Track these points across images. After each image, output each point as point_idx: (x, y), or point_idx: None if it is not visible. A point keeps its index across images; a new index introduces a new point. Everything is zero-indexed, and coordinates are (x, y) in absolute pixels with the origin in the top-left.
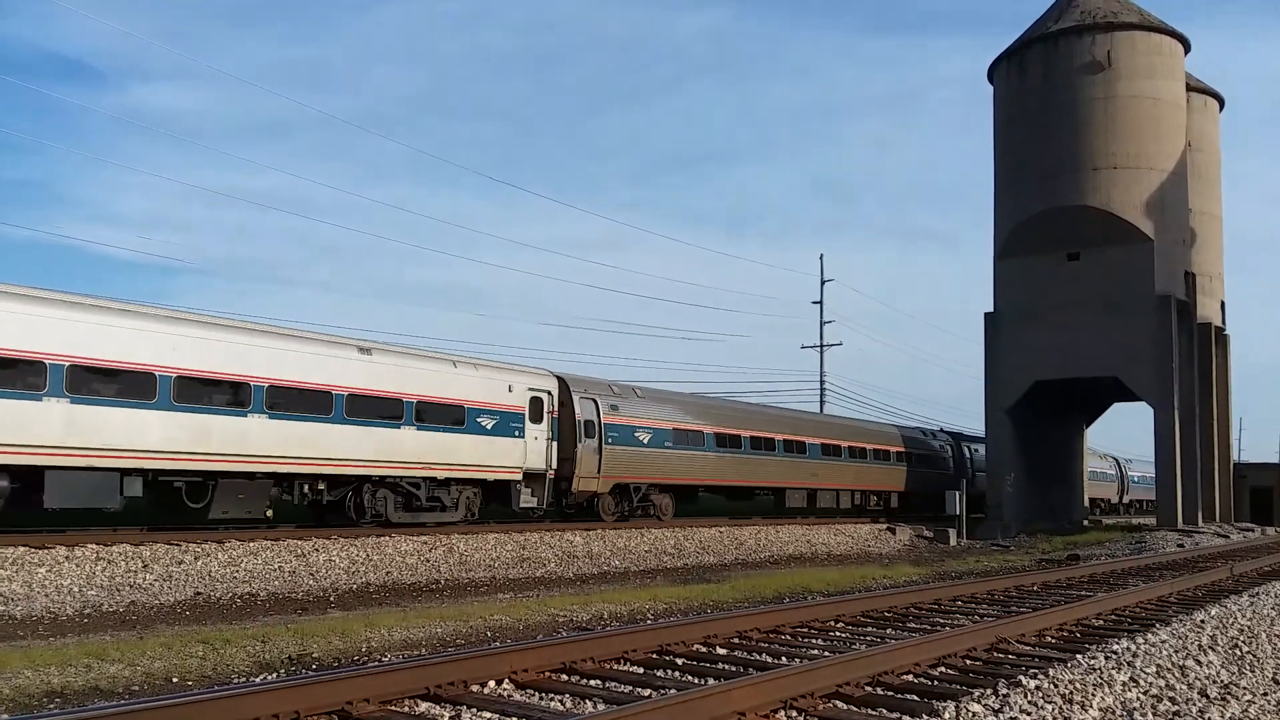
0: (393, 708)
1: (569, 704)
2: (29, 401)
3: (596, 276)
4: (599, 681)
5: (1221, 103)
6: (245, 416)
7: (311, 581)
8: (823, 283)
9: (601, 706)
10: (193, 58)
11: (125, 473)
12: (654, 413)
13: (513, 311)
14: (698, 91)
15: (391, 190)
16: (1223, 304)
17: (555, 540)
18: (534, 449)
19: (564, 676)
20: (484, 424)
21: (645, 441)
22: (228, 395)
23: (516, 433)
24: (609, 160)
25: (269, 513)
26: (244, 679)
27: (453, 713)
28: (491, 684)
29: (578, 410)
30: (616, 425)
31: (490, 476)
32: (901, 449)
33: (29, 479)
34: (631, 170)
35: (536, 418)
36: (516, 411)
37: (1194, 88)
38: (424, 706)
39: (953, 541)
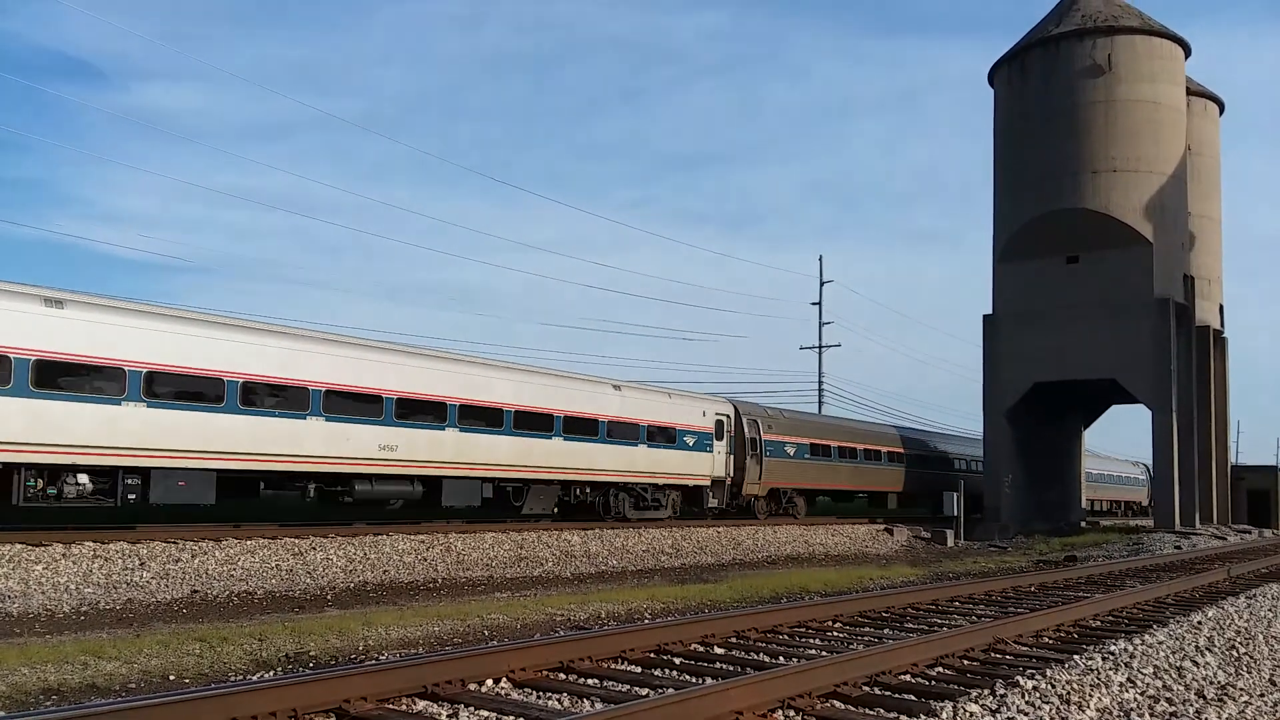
0: (390, 706)
1: (567, 703)
2: (435, 431)
3: (598, 277)
4: (597, 681)
5: (1221, 106)
6: (550, 439)
7: (309, 580)
8: (821, 284)
9: (599, 706)
10: (195, 57)
11: (483, 480)
12: (796, 431)
13: (514, 312)
14: (698, 93)
15: (392, 190)
16: (1221, 307)
17: (553, 540)
18: (718, 461)
19: (562, 675)
20: (688, 442)
21: (791, 454)
22: (542, 425)
23: (707, 448)
24: (609, 161)
25: (555, 509)
26: (241, 677)
27: (450, 711)
28: (489, 683)
29: (745, 430)
30: (772, 442)
31: (690, 483)
32: (911, 451)
33: (433, 485)
34: (632, 171)
35: (720, 436)
36: (707, 432)
37: (1194, 91)
38: (421, 705)
39: (950, 542)
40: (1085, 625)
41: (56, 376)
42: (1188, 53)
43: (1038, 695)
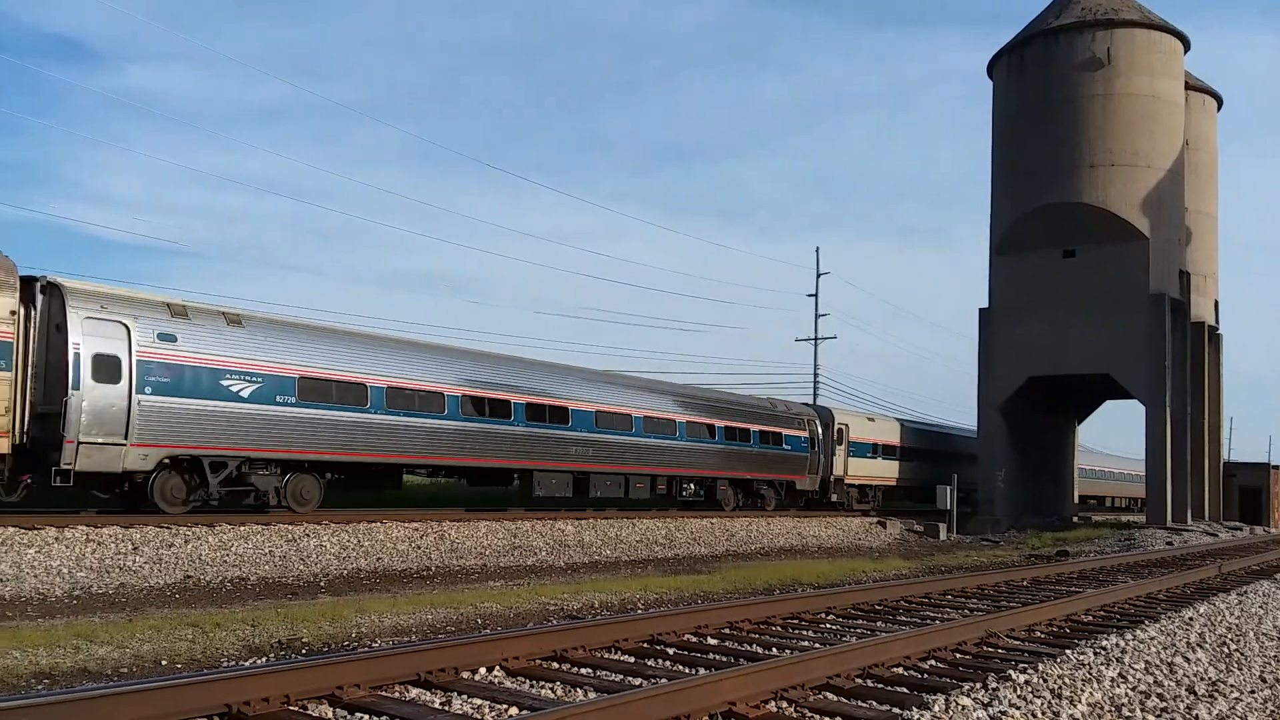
0: (383, 693)
1: (560, 692)
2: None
3: (592, 266)
4: (590, 670)
5: (1220, 102)
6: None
7: (302, 566)
8: (818, 276)
9: (593, 695)
10: (189, 39)
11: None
12: (874, 432)
13: (509, 300)
14: (693, 83)
15: (386, 176)
16: (1216, 303)
17: (546, 529)
18: (810, 460)
19: (555, 664)
20: (787, 446)
21: (868, 454)
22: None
23: (805, 450)
24: (604, 151)
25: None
26: (234, 663)
27: (443, 699)
28: (482, 671)
29: (834, 433)
30: (857, 443)
31: (794, 480)
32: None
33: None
34: (626, 161)
35: (813, 442)
36: (804, 436)
37: (1192, 86)
38: (414, 692)
39: (943, 536)
40: (1077, 620)
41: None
42: (1187, 47)
43: (1029, 689)
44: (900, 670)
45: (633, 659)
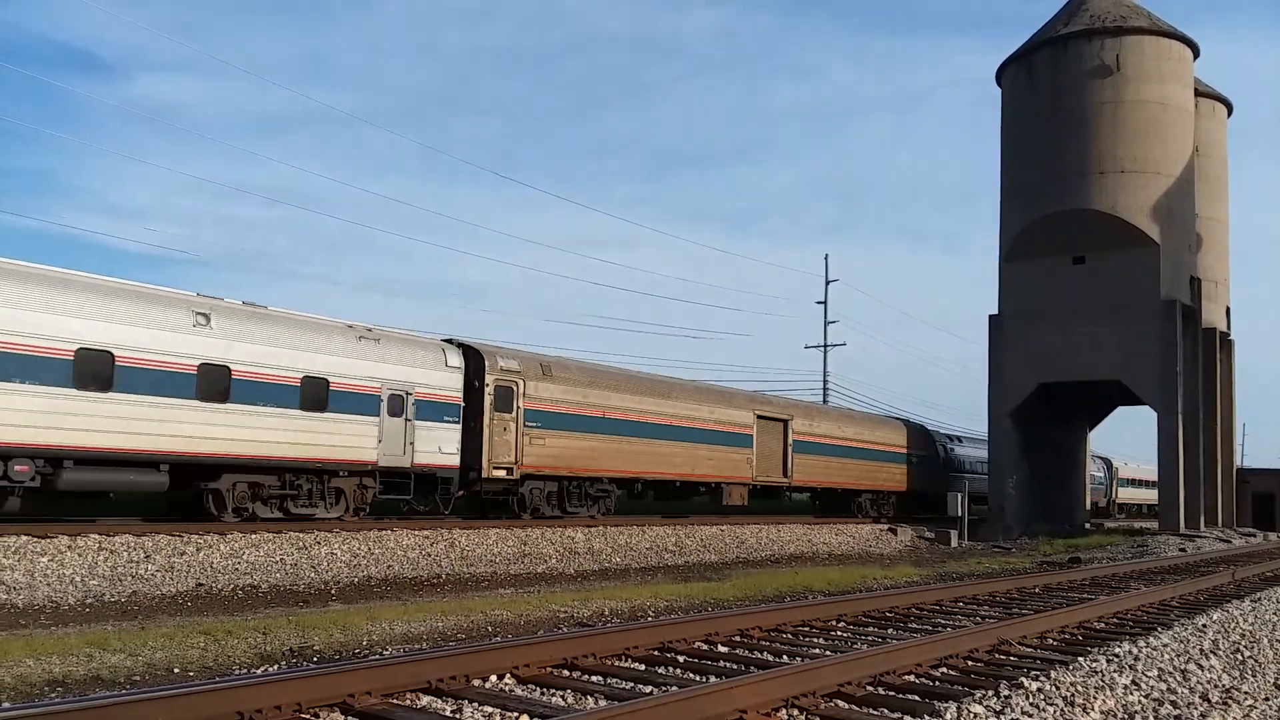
0: (394, 701)
1: (571, 699)
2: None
3: (602, 274)
4: (600, 678)
5: (1230, 108)
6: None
7: (313, 574)
8: (827, 283)
9: (603, 703)
10: (199, 49)
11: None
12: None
13: (518, 307)
14: (703, 89)
15: (395, 184)
16: (1228, 309)
17: (556, 536)
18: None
19: (565, 672)
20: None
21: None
22: None
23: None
24: (615, 157)
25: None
26: (245, 670)
27: (454, 706)
28: (493, 679)
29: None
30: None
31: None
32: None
33: None
34: (637, 167)
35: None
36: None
37: (1202, 93)
38: (425, 700)
39: (954, 543)
40: (1089, 627)
41: None
42: (1196, 54)
43: (1042, 697)
44: (912, 678)
45: (643, 667)
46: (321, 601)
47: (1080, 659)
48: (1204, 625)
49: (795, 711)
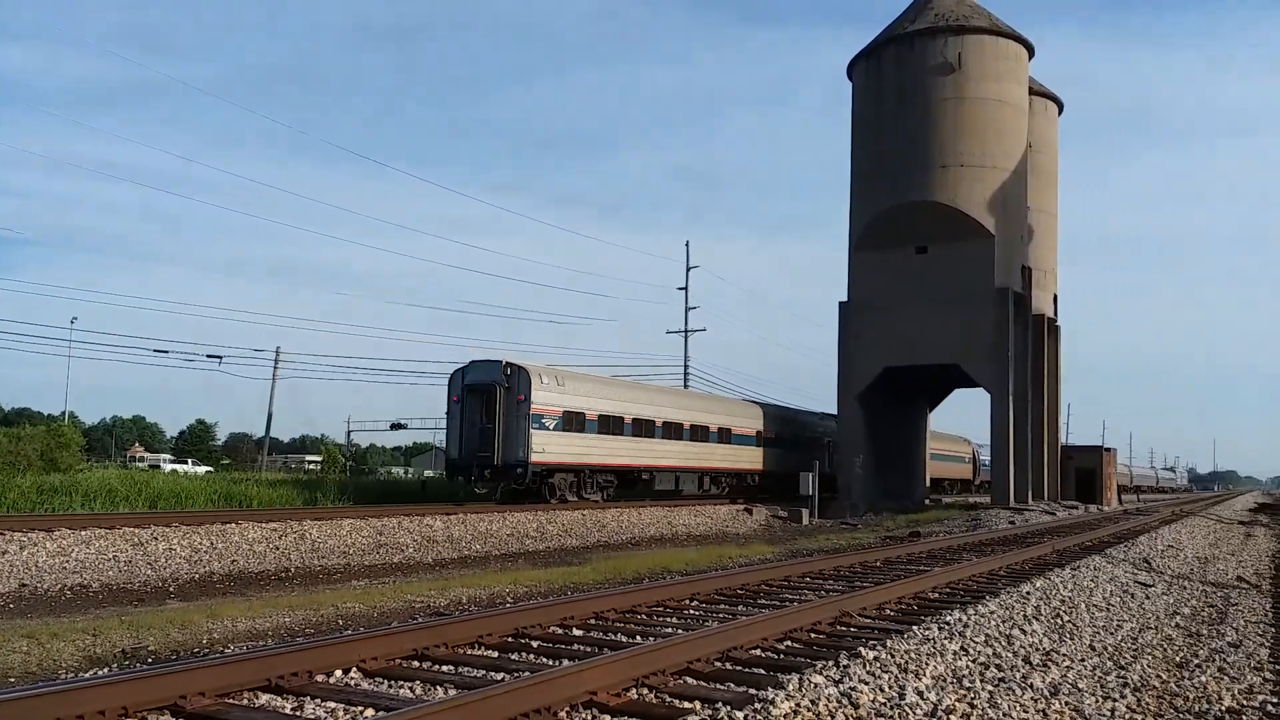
0: (231, 701)
1: (419, 690)
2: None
3: (466, 258)
4: (452, 667)
5: (1060, 106)
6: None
7: (150, 571)
8: (688, 269)
9: (453, 692)
10: (34, 16)
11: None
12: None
13: (378, 292)
14: (573, 74)
15: (247, 164)
16: (1055, 297)
17: (414, 525)
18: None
19: (416, 663)
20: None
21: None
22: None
23: (754, 444)
24: (482, 140)
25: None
26: (72, 675)
27: (295, 704)
28: (338, 673)
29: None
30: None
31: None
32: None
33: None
34: (505, 152)
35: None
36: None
37: (1036, 91)
38: (265, 698)
39: (805, 521)
40: (925, 597)
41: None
42: (1031, 54)
43: (878, 665)
44: (758, 652)
45: (497, 654)
46: (158, 600)
47: (915, 628)
48: (1028, 593)
49: (645, 690)
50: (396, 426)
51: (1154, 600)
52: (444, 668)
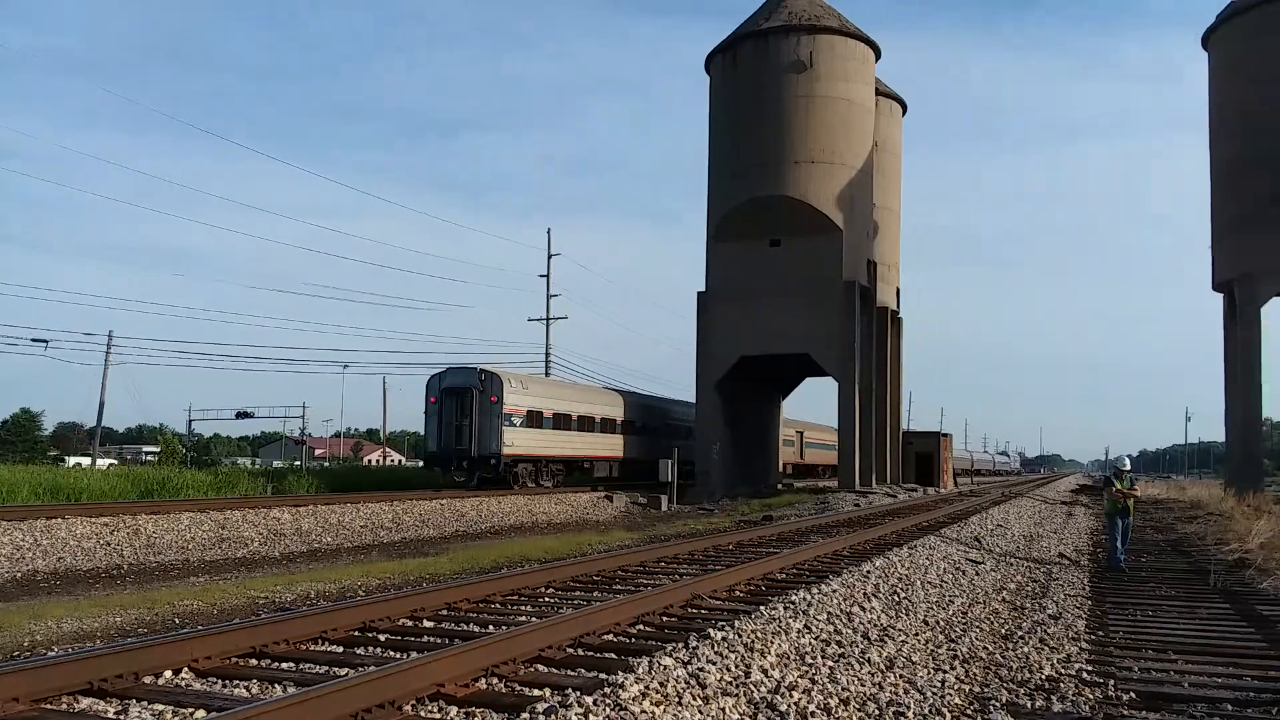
0: (48, 706)
1: (255, 690)
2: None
3: (328, 243)
4: (293, 664)
5: (905, 107)
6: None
7: None
8: (549, 256)
9: (291, 690)
10: None
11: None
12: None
13: (236, 276)
14: (446, 56)
15: (103, 141)
16: (898, 290)
17: (259, 518)
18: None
19: (254, 661)
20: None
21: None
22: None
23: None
24: (352, 121)
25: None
26: None
27: (119, 708)
28: (168, 674)
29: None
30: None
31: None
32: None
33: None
34: (372, 134)
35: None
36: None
37: (882, 92)
38: (86, 703)
39: (664, 507)
40: (773, 578)
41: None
42: (878, 55)
43: (725, 645)
44: (611, 637)
45: (341, 649)
46: None
47: (762, 608)
48: (868, 571)
49: (495, 680)
50: (243, 415)
51: (983, 576)
52: (284, 665)
